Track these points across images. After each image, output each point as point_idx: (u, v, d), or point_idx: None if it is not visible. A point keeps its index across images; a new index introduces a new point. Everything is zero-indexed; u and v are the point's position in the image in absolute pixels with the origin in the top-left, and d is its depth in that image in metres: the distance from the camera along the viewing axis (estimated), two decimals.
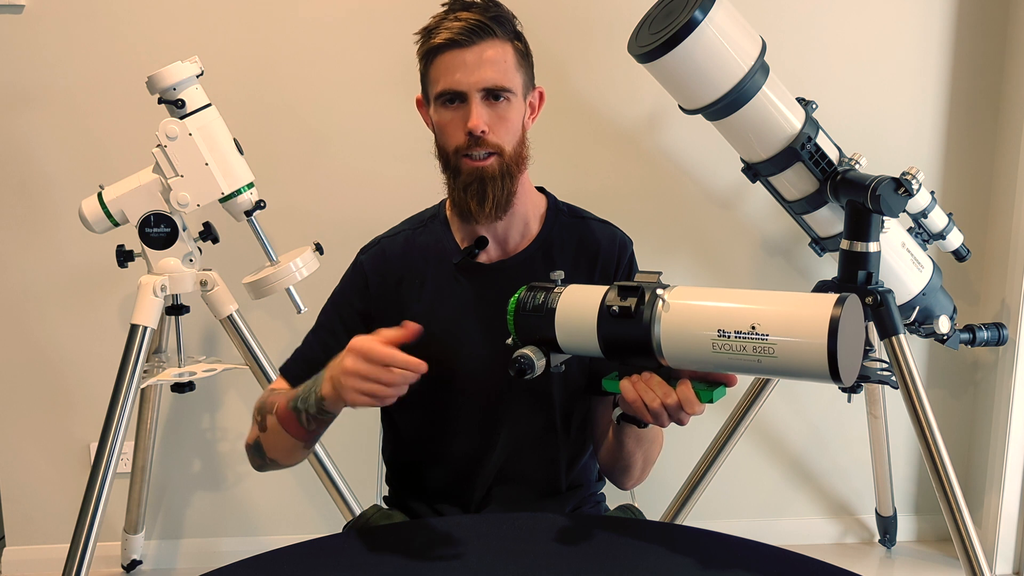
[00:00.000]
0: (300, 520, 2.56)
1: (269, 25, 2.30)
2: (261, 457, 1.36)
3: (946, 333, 2.10)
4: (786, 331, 0.97)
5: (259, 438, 1.34)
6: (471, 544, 1.17)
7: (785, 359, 0.97)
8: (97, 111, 2.31)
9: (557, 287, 1.15)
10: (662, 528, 1.31)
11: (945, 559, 2.57)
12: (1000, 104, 2.43)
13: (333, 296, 1.45)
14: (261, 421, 1.33)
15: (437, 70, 1.31)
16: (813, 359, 0.96)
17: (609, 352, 1.10)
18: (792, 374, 0.99)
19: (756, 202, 2.43)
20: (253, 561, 1.14)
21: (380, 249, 1.43)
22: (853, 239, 1.92)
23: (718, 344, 1.01)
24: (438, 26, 1.31)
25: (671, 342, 1.05)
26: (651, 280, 1.09)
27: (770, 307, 0.99)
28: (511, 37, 1.32)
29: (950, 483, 1.94)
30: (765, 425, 2.57)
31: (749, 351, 0.99)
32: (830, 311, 0.95)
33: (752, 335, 0.98)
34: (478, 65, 1.28)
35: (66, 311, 2.42)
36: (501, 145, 1.32)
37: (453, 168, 1.34)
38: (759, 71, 1.82)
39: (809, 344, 0.95)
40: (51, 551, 2.46)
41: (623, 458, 1.35)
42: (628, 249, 1.46)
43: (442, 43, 1.29)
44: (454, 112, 1.31)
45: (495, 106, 1.31)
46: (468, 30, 1.28)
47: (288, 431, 1.28)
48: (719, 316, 1.01)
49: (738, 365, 1.01)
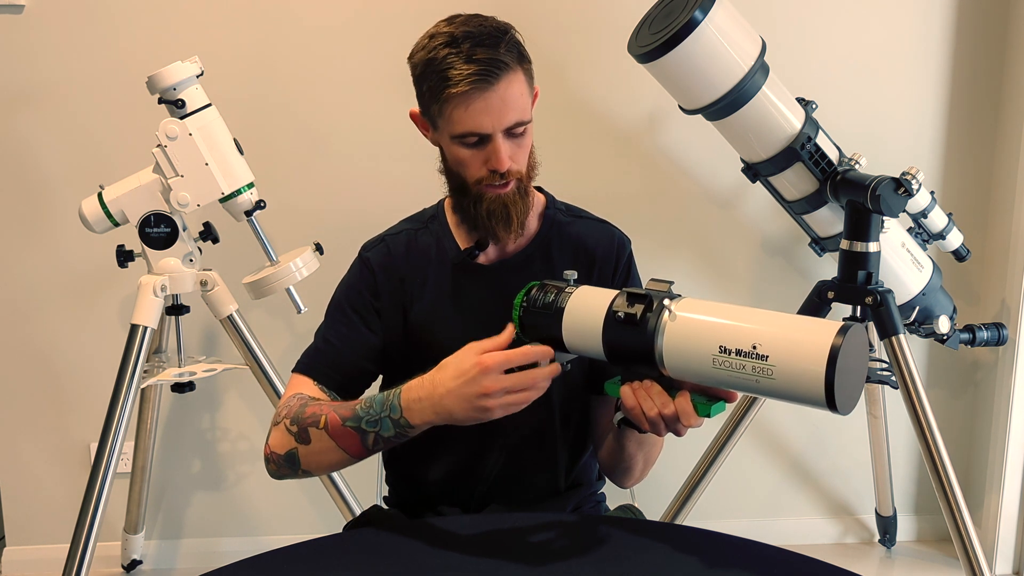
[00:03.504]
0: (300, 520, 2.55)
1: (269, 25, 2.30)
2: (293, 468, 1.28)
3: (946, 333, 2.10)
4: (786, 354, 0.96)
5: (295, 450, 1.27)
6: (471, 544, 1.17)
7: (783, 382, 0.97)
8: (97, 111, 2.31)
9: (568, 287, 1.15)
10: (662, 528, 1.31)
11: (945, 559, 2.57)
12: (1000, 104, 2.43)
13: (342, 293, 1.43)
14: (299, 433, 1.26)
15: (456, 113, 1.27)
16: (810, 386, 0.94)
17: (612, 357, 1.10)
18: (789, 398, 0.98)
19: (756, 202, 2.43)
20: (253, 561, 1.14)
21: (385, 246, 1.43)
22: (853, 239, 1.92)
23: (718, 360, 1.00)
24: (450, 67, 1.25)
25: (672, 354, 1.04)
26: (661, 289, 1.09)
27: (773, 329, 0.98)
28: (520, 61, 1.29)
29: (950, 483, 1.94)
30: (765, 425, 2.57)
31: (748, 371, 0.98)
32: (831, 339, 0.94)
33: (752, 355, 0.98)
34: (501, 108, 1.26)
35: (66, 311, 2.42)
36: (520, 171, 1.33)
37: (473, 196, 1.34)
38: (759, 71, 1.82)
39: (807, 370, 0.94)
40: (51, 551, 2.46)
41: (624, 460, 1.35)
42: (627, 248, 1.47)
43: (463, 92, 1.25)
44: (475, 149, 1.30)
45: (514, 138, 1.31)
46: (486, 73, 1.24)
47: (344, 448, 1.23)
48: (721, 333, 1.01)
49: (736, 383, 1.01)
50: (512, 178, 1.32)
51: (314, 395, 1.34)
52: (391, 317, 1.39)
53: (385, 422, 1.19)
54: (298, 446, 1.26)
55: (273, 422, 1.31)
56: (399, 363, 1.40)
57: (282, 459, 1.28)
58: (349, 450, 1.23)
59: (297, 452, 1.27)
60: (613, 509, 1.55)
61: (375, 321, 1.39)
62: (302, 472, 1.29)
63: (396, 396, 1.19)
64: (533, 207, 1.42)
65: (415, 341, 1.40)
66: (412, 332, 1.40)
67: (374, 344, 1.39)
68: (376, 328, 1.39)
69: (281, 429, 1.28)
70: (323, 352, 1.39)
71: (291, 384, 1.38)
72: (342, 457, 1.24)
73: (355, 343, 1.38)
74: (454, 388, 1.13)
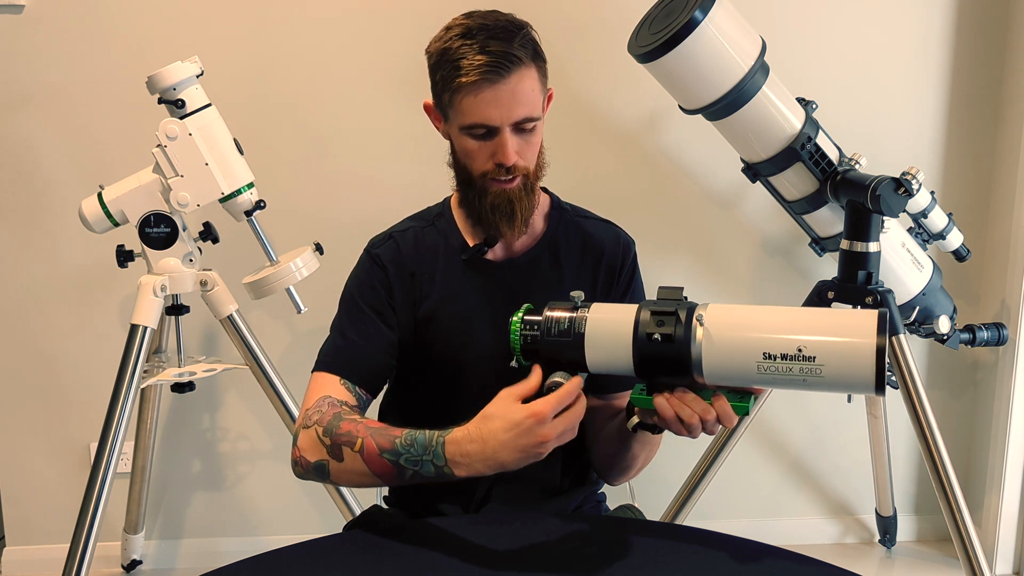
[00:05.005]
0: (300, 520, 2.55)
1: (269, 25, 2.30)
2: (321, 477, 1.25)
3: (946, 333, 2.10)
4: (833, 353, 1.00)
5: (326, 463, 1.23)
6: (471, 544, 1.17)
7: (831, 379, 1.00)
8: (97, 111, 2.31)
9: (579, 308, 1.13)
10: (662, 528, 1.31)
11: (945, 559, 2.56)
12: (1000, 104, 2.42)
13: (355, 289, 1.41)
14: (332, 448, 1.22)
15: (466, 102, 1.28)
16: (860, 378, 0.98)
17: (643, 372, 1.10)
18: (833, 388, 1.01)
19: (756, 202, 2.43)
20: (253, 561, 1.14)
21: (394, 242, 1.42)
22: (853, 239, 1.92)
23: (763, 366, 1.02)
24: (463, 57, 1.26)
25: (713, 364, 1.05)
26: (675, 297, 1.09)
27: (814, 329, 1.01)
28: (534, 59, 1.30)
29: (950, 483, 1.94)
30: (765, 425, 2.57)
31: (795, 372, 1.01)
32: (875, 331, 0.98)
33: (799, 358, 1.00)
34: (511, 101, 1.27)
35: (66, 311, 2.41)
36: (527, 167, 1.33)
37: (479, 189, 1.34)
38: (759, 71, 1.82)
39: (857, 365, 0.98)
40: (51, 551, 2.46)
41: (626, 460, 1.36)
42: (631, 249, 1.47)
43: (473, 81, 1.25)
44: (483, 141, 1.31)
45: (523, 134, 1.31)
46: (497, 64, 1.25)
47: (378, 475, 1.20)
48: (764, 340, 1.02)
49: (780, 384, 1.04)
50: (518, 174, 1.32)
51: (340, 393, 1.31)
52: (402, 312, 1.39)
53: (427, 465, 1.16)
54: (329, 460, 1.22)
55: (302, 424, 1.27)
56: (408, 358, 1.40)
57: (311, 467, 1.25)
58: (383, 479, 1.20)
59: (328, 466, 1.23)
60: (613, 509, 1.55)
61: (391, 316, 1.38)
62: (330, 482, 1.26)
63: (440, 446, 1.15)
64: (539, 207, 1.42)
65: (423, 336, 1.40)
66: (421, 328, 1.40)
67: (392, 339, 1.38)
68: (392, 323, 1.39)
69: (312, 436, 1.24)
70: (344, 349, 1.36)
71: (315, 383, 1.34)
72: (375, 481, 1.21)
73: (376, 339, 1.37)
74: (508, 441, 1.10)
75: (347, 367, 1.34)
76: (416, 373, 1.38)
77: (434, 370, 1.40)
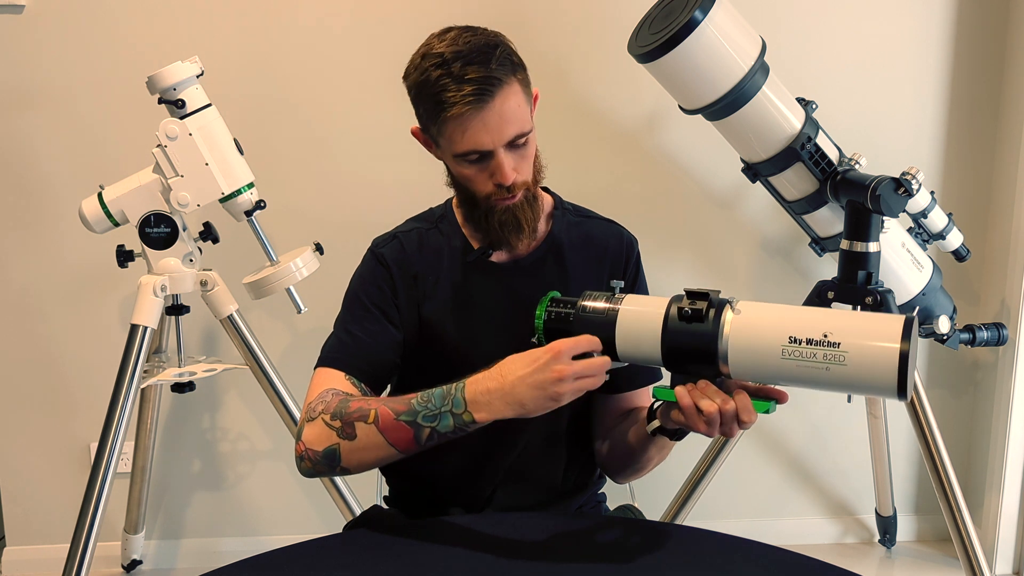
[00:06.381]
0: (300, 520, 2.56)
1: (269, 25, 2.30)
2: (331, 465, 1.23)
3: (946, 333, 2.10)
4: (858, 339, 0.99)
5: (337, 446, 1.22)
6: (472, 544, 1.17)
7: (855, 369, 0.99)
8: (97, 111, 2.31)
9: (617, 295, 1.16)
10: (662, 528, 1.31)
11: (945, 559, 2.57)
12: (1000, 104, 2.43)
13: (359, 288, 1.40)
14: (343, 428, 1.21)
15: (456, 133, 1.27)
16: (884, 369, 0.97)
17: (670, 358, 1.11)
18: (855, 386, 1.00)
19: (756, 202, 2.43)
20: (253, 561, 1.14)
21: (399, 242, 1.42)
22: (853, 239, 1.92)
23: (788, 351, 1.02)
24: (444, 90, 1.24)
25: (739, 348, 1.06)
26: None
27: (841, 318, 1.02)
28: (514, 72, 1.28)
29: (950, 483, 1.94)
30: (765, 425, 2.57)
31: (819, 359, 1.00)
32: (900, 323, 0.98)
33: (824, 343, 1.00)
34: (500, 123, 1.26)
35: (66, 311, 2.42)
36: (527, 180, 1.33)
37: (484, 209, 1.34)
38: (759, 71, 1.82)
39: (881, 353, 0.97)
40: (51, 551, 2.46)
41: (640, 462, 1.36)
42: (635, 248, 1.47)
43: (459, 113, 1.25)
44: (478, 165, 1.30)
45: (517, 149, 1.30)
46: (480, 92, 1.23)
47: (393, 443, 1.19)
48: (791, 323, 1.03)
49: (804, 374, 1.02)
50: (519, 189, 1.32)
51: (344, 387, 1.31)
52: (406, 312, 1.39)
53: (445, 417, 1.16)
54: (341, 442, 1.22)
55: (306, 418, 1.26)
56: (411, 358, 1.40)
57: (319, 456, 1.23)
58: (399, 445, 1.19)
59: (339, 448, 1.22)
60: (613, 509, 1.55)
61: (396, 315, 1.38)
62: (340, 469, 1.25)
63: (460, 390, 1.16)
64: (543, 209, 1.42)
65: (427, 337, 1.40)
66: (425, 328, 1.40)
67: (397, 338, 1.38)
68: (397, 322, 1.39)
69: (319, 424, 1.23)
70: (349, 345, 1.36)
71: (318, 378, 1.34)
72: (389, 453, 1.21)
73: (381, 336, 1.37)
74: (526, 375, 1.11)
75: (352, 362, 1.34)
76: (419, 374, 1.38)
77: (438, 371, 1.40)
